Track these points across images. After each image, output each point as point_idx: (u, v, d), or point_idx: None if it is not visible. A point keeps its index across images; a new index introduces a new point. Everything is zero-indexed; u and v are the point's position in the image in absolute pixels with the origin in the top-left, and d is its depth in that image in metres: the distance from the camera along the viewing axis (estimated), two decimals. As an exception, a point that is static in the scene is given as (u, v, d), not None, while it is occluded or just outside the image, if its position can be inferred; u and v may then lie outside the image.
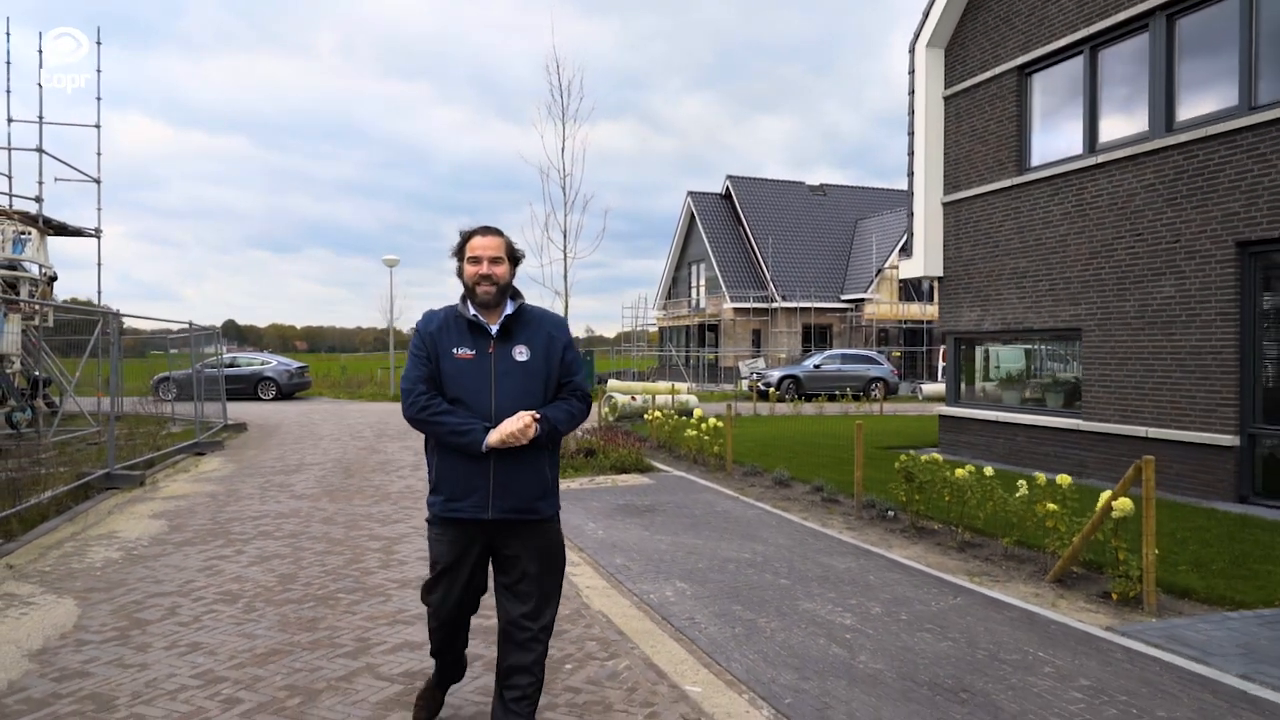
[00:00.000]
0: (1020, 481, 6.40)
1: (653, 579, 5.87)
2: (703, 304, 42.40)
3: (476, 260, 3.12)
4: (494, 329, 3.13)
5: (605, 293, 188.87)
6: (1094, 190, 10.21)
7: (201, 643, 4.55)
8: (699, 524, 7.71)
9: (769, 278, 38.54)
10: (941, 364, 28.17)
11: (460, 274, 3.19)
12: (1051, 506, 5.80)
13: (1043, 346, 11.67)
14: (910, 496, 7.36)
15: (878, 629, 4.81)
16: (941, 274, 12.94)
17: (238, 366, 25.75)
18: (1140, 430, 9.57)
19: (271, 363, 27.20)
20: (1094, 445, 10.23)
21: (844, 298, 39.29)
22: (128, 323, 13.29)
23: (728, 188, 42.84)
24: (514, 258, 3.22)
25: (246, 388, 25.12)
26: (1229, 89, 8.81)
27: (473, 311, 3.13)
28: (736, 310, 38.71)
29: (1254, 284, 8.55)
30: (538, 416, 3.01)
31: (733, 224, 42.11)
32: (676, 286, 46.42)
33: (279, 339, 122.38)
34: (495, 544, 3.15)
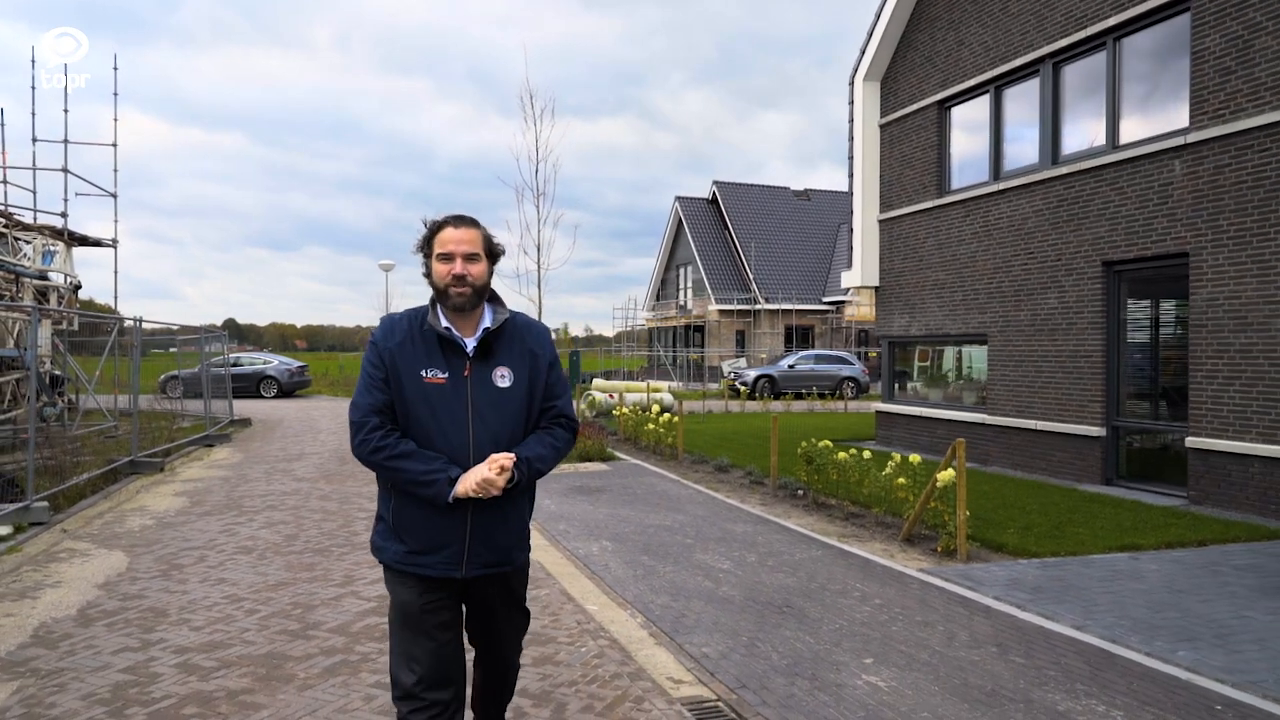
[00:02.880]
0: (889, 461, 7.84)
1: (584, 539, 7.30)
2: (689, 305, 43.84)
3: (448, 257, 2.60)
4: (470, 345, 2.63)
5: (607, 291, 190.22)
6: (997, 213, 11.65)
7: (226, 578, 5.99)
8: (637, 500, 9.15)
9: (752, 280, 39.99)
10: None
11: (428, 273, 2.67)
12: (902, 481, 7.25)
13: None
14: (811, 476, 8.81)
15: (745, 571, 6.25)
16: (877, 284, 14.38)
17: (241, 366, 27.17)
18: (1032, 424, 11.02)
19: (273, 362, 28.64)
20: (997, 437, 11.68)
21: (826, 299, 40.71)
22: (129, 324, 14.73)
23: (714, 193, 44.26)
24: (492, 253, 2.70)
25: (249, 386, 26.53)
26: (1099, 129, 10.24)
27: (445, 323, 2.62)
28: (721, 312, 40.17)
29: (1117, 298, 9.99)
30: (514, 459, 2.55)
31: (719, 228, 43.53)
32: (665, 288, 47.87)
33: (279, 338, 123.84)
34: (466, 595, 2.79)
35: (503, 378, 2.65)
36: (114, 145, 17.92)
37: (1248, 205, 8.32)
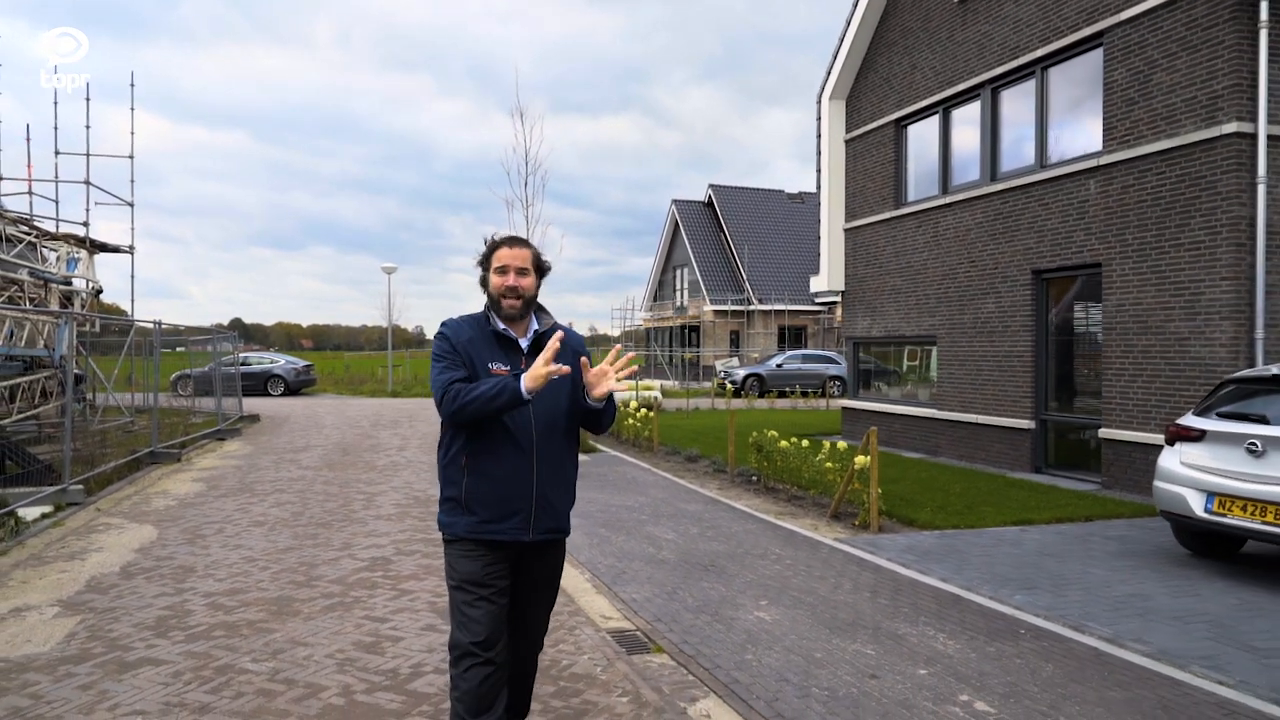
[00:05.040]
0: (823, 447, 8.87)
1: (553, 516, 8.34)
2: (685, 306, 44.90)
3: (504, 271, 3.03)
4: (525, 344, 3.08)
5: (611, 290, 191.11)
6: (944, 225, 12.67)
7: (243, 544, 7.06)
8: (607, 485, 10.20)
9: (746, 281, 41.03)
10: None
11: (485, 284, 3.10)
12: (830, 465, 8.28)
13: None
14: (761, 463, 9.84)
15: (686, 540, 7.29)
16: (843, 289, 15.42)
17: (249, 365, 28.29)
18: (974, 417, 12.04)
19: (280, 361, 29.77)
20: (944, 430, 12.70)
21: (818, 300, 41.65)
22: (148, 326, 15.92)
23: (710, 196, 45.30)
24: (540, 269, 3.14)
25: (257, 384, 27.64)
26: (1030, 150, 11.26)
27: (502, 325, 3.05)
28: (716, 312, 41.21)
29: (1044, 303, 11.01)
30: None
31: (714, 230, 44.57)
32: (662, 289, 48.94)
33: (285, 337, 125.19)
34: (521, 563, 3.10)
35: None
36: (130, 157, 19.02)
37: (1148, 222, 9.33)
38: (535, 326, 3.11)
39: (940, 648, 4.62)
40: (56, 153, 18.17)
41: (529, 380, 2.82)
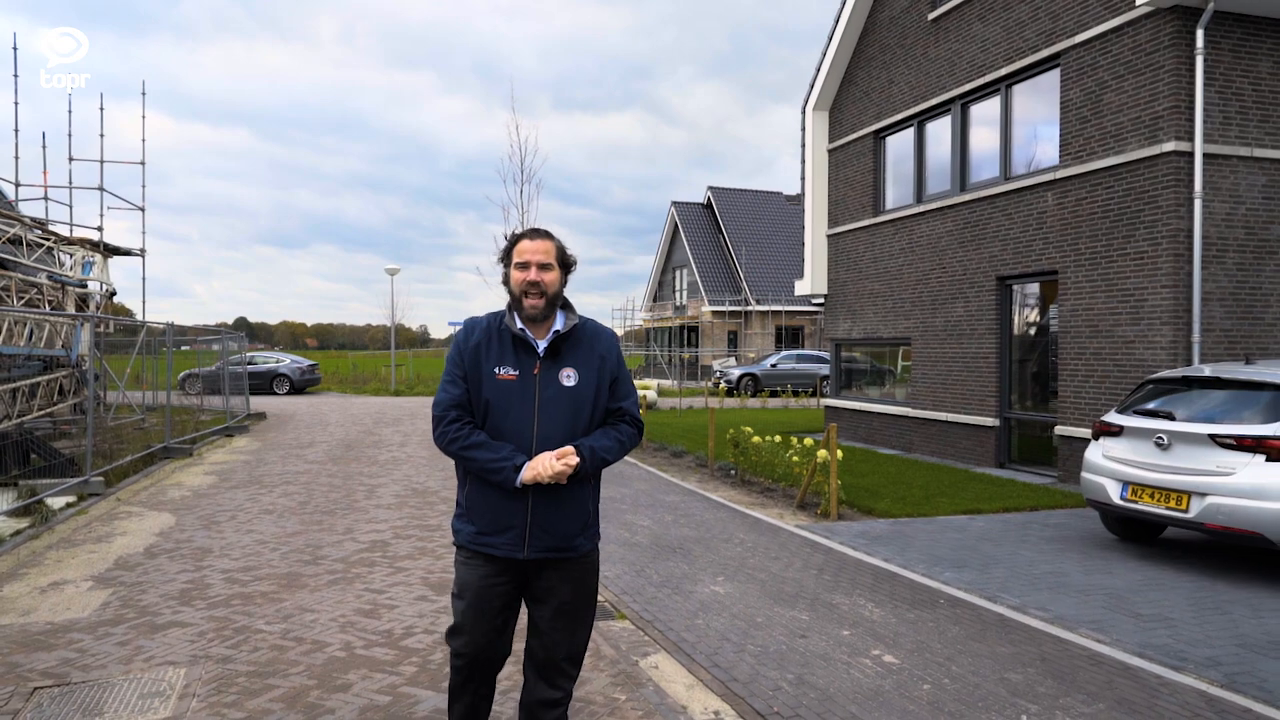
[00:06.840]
0: (792, 442, 9.52)
1: (540, 506, 9.00)
2: (685, 306, 45.57)
3: (524, 266, 2.87)
4: (541, 346, 2.90)
5: (616, 289, 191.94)
6: (919, 232, 13.32)
7: (254, 529, 7.74)
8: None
9: (744, 282, 41.69)
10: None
11: (507, 281, 2.95)
12: (796, 459, 8.94)
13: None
14: (738, 458, 10.50)
15: (660, 526, 7.95)
16: (825, 292, 16.07)
17: (255, 364, 29.00)
18: (944, 415, 12.68)
19: (285, 361, 30.48)
20: (918, 428, 13.34)
21: (815, 301, 42.29)
22: (147, 325, 16.76)
23: (709, 198, 45.98)
24: (565, 263, 2.95)
25: (263, 383, 28.34)
26: (995, 162, 11.90)
27: (519, 325, 2.90)
28: (714, 313, 41.89)
29: (1008, 308, 11.65)
30: (580, 453, 2.78)
31: (713, 232, 45.25)
32: (662, 290, 49.63)
33: (290, 336, 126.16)
34: (528, 577, 2.95)
35: (568, 377, 2.88)
36: (142, 163, 19.74)
37: (1098, 232, 9.97)
38: (557, 326, 2.94)
39: (866, 614, 5.28)
40: (70, 159, 18.91)
41: (527, 472, 2.75)
